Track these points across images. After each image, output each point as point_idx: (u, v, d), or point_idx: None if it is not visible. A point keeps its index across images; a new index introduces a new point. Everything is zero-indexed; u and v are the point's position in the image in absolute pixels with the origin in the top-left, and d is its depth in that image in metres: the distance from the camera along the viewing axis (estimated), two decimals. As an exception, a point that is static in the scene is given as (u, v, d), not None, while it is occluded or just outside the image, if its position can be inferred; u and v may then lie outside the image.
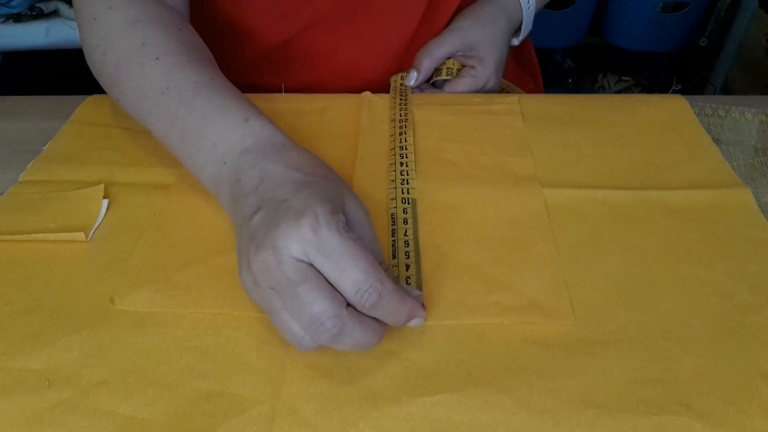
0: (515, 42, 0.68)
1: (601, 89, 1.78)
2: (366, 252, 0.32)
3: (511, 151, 0.51)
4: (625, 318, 0.38)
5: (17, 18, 1.27)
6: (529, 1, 0.65)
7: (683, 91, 1.30)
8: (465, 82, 0.62)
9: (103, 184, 0.47)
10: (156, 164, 0.50)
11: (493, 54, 0.62)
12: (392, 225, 0.44)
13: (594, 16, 1.59)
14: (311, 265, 0.32)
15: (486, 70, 0.62)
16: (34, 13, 1.28)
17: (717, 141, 0.53)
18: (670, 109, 0.57)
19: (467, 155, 0.51)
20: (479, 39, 0.62)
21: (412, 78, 0.61)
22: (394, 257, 0.41)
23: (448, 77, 0.63)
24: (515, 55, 0.76)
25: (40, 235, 0.43)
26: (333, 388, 0.34)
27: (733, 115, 0.57)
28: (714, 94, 1.58)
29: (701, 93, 1.63)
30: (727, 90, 1.61)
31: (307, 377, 0.35)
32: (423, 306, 0.35)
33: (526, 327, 0.37)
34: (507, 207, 0.46)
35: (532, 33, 0.70)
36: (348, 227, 0.34)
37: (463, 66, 0.63)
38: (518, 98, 0.58)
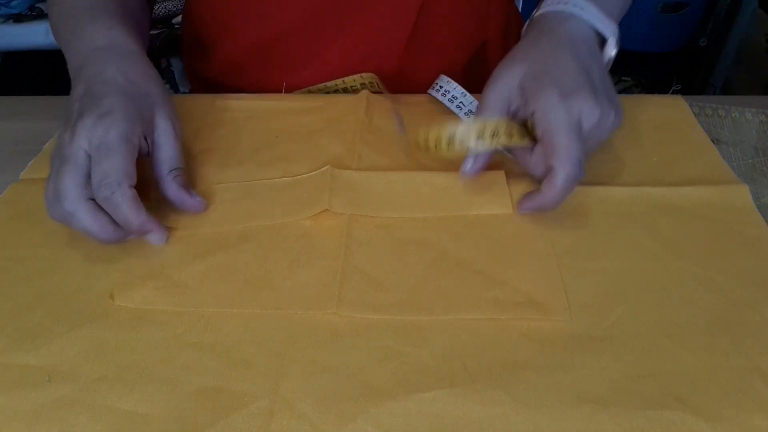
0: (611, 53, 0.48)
1: (601, 89, 1.77)
2: (129, 157, 0.40)
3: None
4: (620, 314, 0.38)
5: (17, 18, 1.28)
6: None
7: (683, 91, 1.30)
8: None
9: None
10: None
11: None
12: None
13: (594, 16, 1.59)
14: (89, 156, 0.40)
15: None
16: (34, 13, 1.29)
17: (717, 141, 0.53)
18: (669, 109, 0.57)
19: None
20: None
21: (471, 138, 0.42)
22: None
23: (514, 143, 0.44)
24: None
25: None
26: (331, 383, 0.34)
27: (733, 115, 0.57)
28: (714, 94, 1.58)
29: (701, 93, 1.63)
30: (727, 90, 1.61)
31: (305, 373, 0.35)
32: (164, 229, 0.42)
33: (523, 323, 0.38)
34: (504, 204, 0.46)
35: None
36: (154, 135, 0.43)
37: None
38: None
